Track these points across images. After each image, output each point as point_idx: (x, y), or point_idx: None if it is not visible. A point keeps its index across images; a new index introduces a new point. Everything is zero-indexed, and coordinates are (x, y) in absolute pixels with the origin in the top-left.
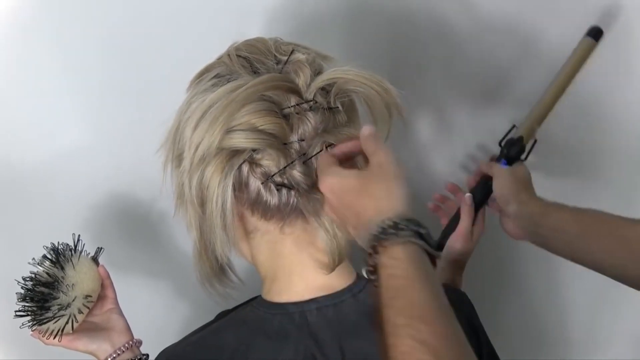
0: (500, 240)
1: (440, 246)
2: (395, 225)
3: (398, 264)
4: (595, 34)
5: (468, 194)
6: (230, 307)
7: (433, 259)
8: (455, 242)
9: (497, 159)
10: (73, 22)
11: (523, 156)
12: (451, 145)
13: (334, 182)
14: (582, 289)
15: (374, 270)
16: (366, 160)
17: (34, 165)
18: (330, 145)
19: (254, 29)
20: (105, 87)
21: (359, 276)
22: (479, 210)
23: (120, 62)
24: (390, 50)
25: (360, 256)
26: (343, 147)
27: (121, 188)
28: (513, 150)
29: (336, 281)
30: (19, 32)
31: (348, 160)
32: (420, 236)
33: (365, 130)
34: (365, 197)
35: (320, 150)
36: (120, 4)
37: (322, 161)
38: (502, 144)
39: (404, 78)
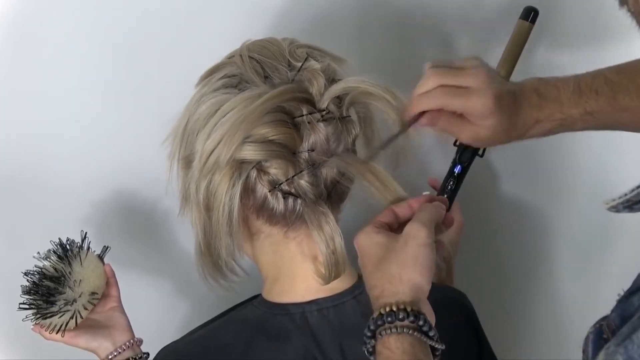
0: (499, 240)
1: None
2: (393, 314)
3: (390, 354)
4: (531, 15)
5: (425, 193)
6: (232, 301)
7: (435, 350)
8: None
9: (452, 162)
10: (78, 21)
11: (480, 152)
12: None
13: (364, 244)
14: (580, 289)
15: (372, 351)
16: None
17: (37, 162)
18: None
19: (261, 29)
20: (109, 85)
21: (360, 278)
22: (451, 204)
23: (127, 59)
24: (397, 50)
25: None
26: (395, 208)
27: (125, 186)
28: (465, 157)
29: (337, 283)
30: (22, 30)
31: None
32: (419, 328)
33: (421, 202)
34: (378, 273)
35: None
36: (123, 1)
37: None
38: (457, 143)
39: (409, 78)
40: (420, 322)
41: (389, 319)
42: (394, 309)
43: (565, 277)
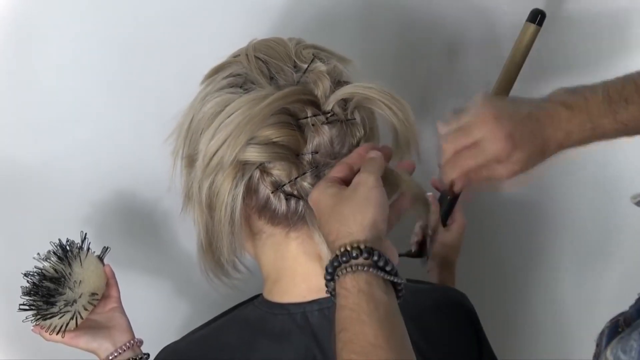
0: (499, 240)
1: (424, 251)
2: (347, 254)
3: (347, 294)
4: (538, 18)
5: (428, 193)
6: (233, 299)
7: (397, 287)
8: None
9: None
10: (79, 21)
11: None
12: None
13: (316, 196)
14: (580, 289)
15: (334, 294)
16: None
17: (38, 162)
18: None
19: (261, 29)
20: (109, 86)
21: None
22: (453, 206)
23: (127, 60)
24: (398, 50)
25: None
26: (347, 159)
27: (125, 187)
28: None
29: None
30: (23, 31)
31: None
32: (374, 264)
33: (368, 150)
34: (332, 219)
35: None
36: (123, 1)
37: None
38: None
39: (410, 78)
40: (375, 258)
41: (344, 258)
42: (348, 248)
43: (565, 277)
